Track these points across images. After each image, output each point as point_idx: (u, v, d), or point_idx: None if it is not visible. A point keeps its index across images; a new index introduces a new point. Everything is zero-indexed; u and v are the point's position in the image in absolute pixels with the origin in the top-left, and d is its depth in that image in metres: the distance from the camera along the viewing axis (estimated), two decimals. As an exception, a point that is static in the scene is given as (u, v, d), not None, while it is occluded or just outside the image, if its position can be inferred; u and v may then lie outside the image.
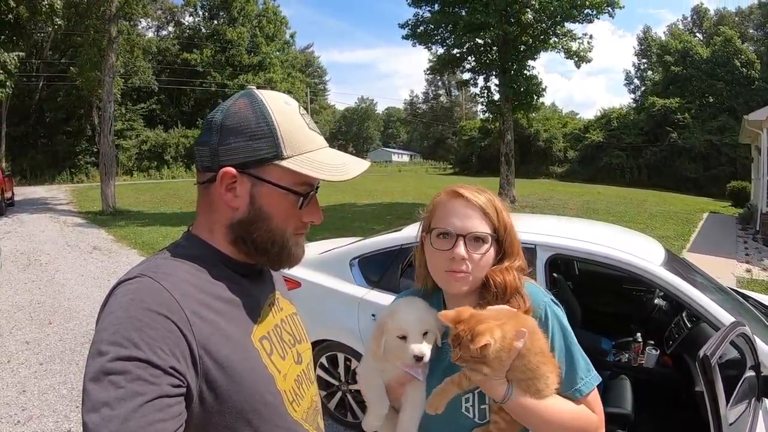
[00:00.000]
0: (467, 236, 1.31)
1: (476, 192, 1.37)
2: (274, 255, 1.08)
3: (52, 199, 24.29)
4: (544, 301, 1.35)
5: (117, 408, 0.74)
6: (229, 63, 46.61)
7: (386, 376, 1.38)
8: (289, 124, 1.04)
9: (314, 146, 1.07)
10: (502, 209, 1.38)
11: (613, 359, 3.83)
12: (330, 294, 3.95)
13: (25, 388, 4.78)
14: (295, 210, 1.06)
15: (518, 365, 1.15)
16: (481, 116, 37.75)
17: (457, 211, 1.35)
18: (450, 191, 1.40)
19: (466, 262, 1.31)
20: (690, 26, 52.73)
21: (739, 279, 8.93)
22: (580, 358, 1.32)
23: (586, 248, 3.24)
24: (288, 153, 1.02)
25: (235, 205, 1.03)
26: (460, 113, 78.74)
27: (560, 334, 1.32)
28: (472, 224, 1.32)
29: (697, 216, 18.03)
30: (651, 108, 39.54)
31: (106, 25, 18.89)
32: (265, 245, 1.06)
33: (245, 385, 0.95)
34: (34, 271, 9.58)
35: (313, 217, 1.11)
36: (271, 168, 1.02)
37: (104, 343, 0.81)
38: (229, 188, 1.02)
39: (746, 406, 2.21)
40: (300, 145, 1.04)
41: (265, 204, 1.04)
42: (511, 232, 1.38)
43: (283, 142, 1.02)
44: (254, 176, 1.02)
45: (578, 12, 19.16)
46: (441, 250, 1.33)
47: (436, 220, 1.38)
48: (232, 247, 1.07)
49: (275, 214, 1.05)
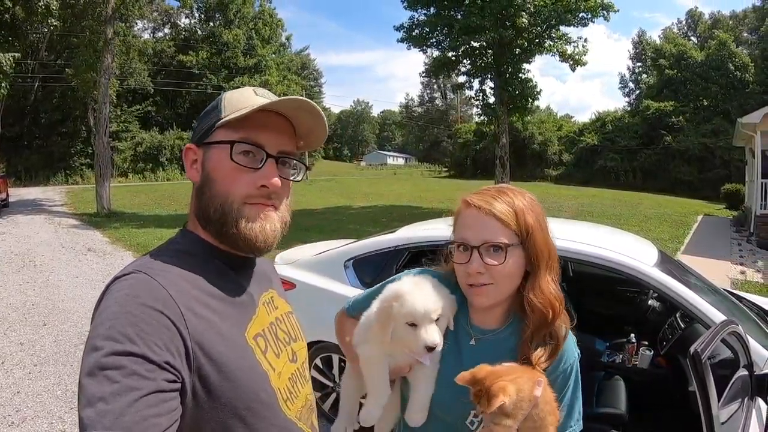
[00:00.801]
0: (481, 247, 1.26)
1: (491, 197, 1.29)
2: (220, 226, 1.03)
3: (47, 200, 24.21)
4: (574, 357, 1.35)
5: (112, 403, 0.74)
6: (225, 65, 46.58)
7: (393, 360, 1.33)
8: (235, 93, 1.09)
9: (254, 104, 1.03)
10: (526, 211, 1.29)
11: (608, 360, 3.84)
12: (324, 295, 3.94)
13: (19, 390, 4.76)
14: (242, 173, 1.02)
15: (531, 414, 1.17)
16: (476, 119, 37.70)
17: (472, 222, 1.29)
18: (464, 200, 1.34)
19: (484, 276, 1.26)
20: (685, 30, 53.01)
21: (734, 281, 8.97)
22: (576, 410, 1.35)
23: (580, 249, 3.24)
24: (225, 113, 1.04)
25: (195, 178, 1.06)
26: (456, 116, 78.75)
27: (573, 388, 1.34)
28: (487, 234, 1.26)
29: (692, 218, 18.11)
30: (646, 111, 39.67)
31: (102, 26, 18.87)
32: (209, 213, 1.03)
33: (239, 382, 0.95)
34: (29, 273, 9.55)
35: (264, 180, 1.02)
36: (216, 133, 1.04)
37: (99, 338, 0.81)
38: (192, 164, 1.07)
39: (739, 405, 2.22)
40: (239, 105, 1.04)
41: (211, 168, 1.04)
42: (534, 236, 1.29)
43: (224, 107, 1.05)
44: (204, 143, 1.06)
45: (573, 16, 19.26)
46: (460, 264, 1.30)
47: (456, 232, 1.34)
48: (208, 234, 1.07)
49: (219, 177, 1.03)
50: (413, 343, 1.26)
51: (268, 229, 1.05)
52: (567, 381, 1.33)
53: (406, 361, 1.33)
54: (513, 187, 1.37)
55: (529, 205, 1.31)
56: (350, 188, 31.45)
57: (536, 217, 1.31)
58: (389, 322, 1.27)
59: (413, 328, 1.25)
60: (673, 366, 3.52)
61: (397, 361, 1.33)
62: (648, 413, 3.43)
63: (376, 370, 1.32)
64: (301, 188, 3.87)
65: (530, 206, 1.31)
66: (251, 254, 1.09)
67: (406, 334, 1.26)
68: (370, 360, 1.34)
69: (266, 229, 1.05)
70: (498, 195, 1.30)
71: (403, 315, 1.26)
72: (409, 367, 1.34)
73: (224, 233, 1.03)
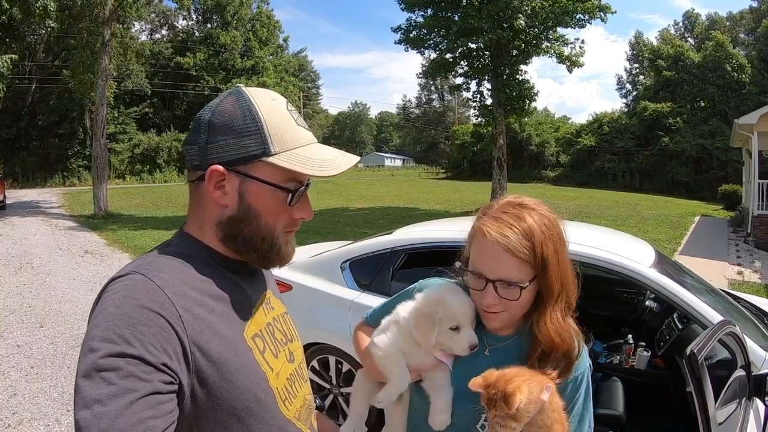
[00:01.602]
0: (495, 282, 1.23)
1: (508, 227, 1.22)
2: (264, 252, 1.07)
3: (44, 202, 24.19)
4: (585, 367, 1.34)
5: (108, 405, 0.74)
6: (222, 67, 46.66)
7: (409, 360, 1.36)
8: (277, 120, 1.04)
9: (303, 142, 1.06)
10: (544, 243, 1.22)
11: (605, 361, 3.84)
12: (321, 297, 3.94)
13: (15, 392, 4.75)
14: (284, 207, 1.05)
15: (537, 419, 1.17)
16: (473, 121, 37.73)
17: (488, 254, 1.24)
18: (479, 228, 1.27)
19: (497, 306, 1.26)
20: (681, 31, 53.15)
21: (731, 281, 8.99)
22: (586, 421, 1.35)
23: (577, 250, 3.23)
24: (275, 149, 1.01)
25: (224, 203, 1.03)
26: (453, 118, 78.81)
27: (583, 398, 1.34)
28: (503, 272, 1.22)
29: (689, 219, 18.16)
30: (643, 112, 39.79)
31: (100, 27, 18.83)
32: (254, 242, 1.05)
33: (237, 383, 0.95)
34: (26, 275, 9.53)
35: (303, 214, 1.10)
36: (259, 165, 1.02)
37: (96, 340, 0.81)
38: (217, 186, 1.02)
39: (737, 406, 2.22)
40: (287, 141, 1.03)
41: (253, 201, 1.03)
42: (549, 271, 1.23)
43: (270, 138, 1.01)
44: (242, 173, 1.02)
45: (570, 17, 19.33)
46: (475, 290, 1.30)
47: (472, 257, 1.30)
48: (222, 245, 1.06)
49: (264, 212, 1.04)
50: (455, 344, 1.31)
51: (292, 250, 1.13)
52: (577, 390, 1.32)
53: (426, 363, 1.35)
54: (532, 205, 1.30)
55: (548, 233, 1.25)
56: (347, 190, 31.45)
57: (554, 247, 1.25)
58: (434, 327, 1.31)
59: (455, 332, 1.30)
60: (671, 367, 3.53)
61: (409, 362, 1.35)
62: (645, 414, 3.43)
63: (394, 358, 1.36)
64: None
65: (549, 233, 1.25)
66: (271, 267, 1.16)
67: (448, 338, 1.31)
68: (387, 348, 1.37)
69: (294, 248, 1.14)
70: (516, 222, 1.23)
71: (448, 319, 1.30)
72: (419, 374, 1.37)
73: (265, 258, 1.09)
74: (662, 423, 3.35)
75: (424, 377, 1.37)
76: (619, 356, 3.87)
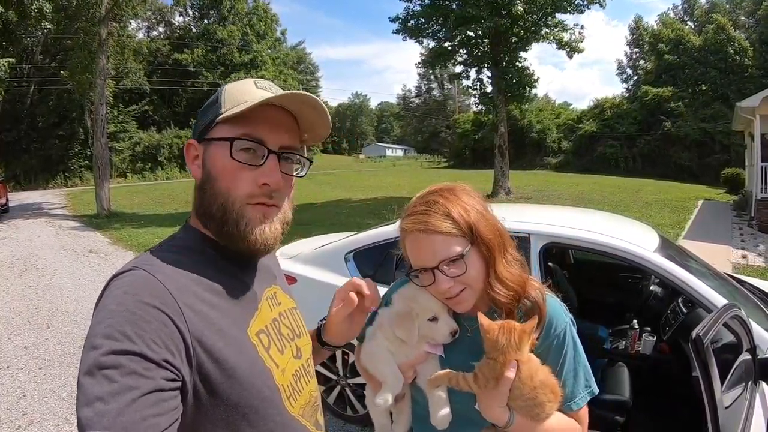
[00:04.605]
0: (439, 267, 1.27)
1: (423, 215, 1.29)
2: (221, 223, 1.02)
3: (47, 203, 24.23)
4: (566, 321, 1.36)
5: (111, 402, 0.74)
6: (221, 62, 46.63)
7: (396, 358, 1.39)
8: (236, 87, 1.06)
9: (257, 97, 1.01)
10: (461, 210, 1.28)
11: (611, 347, 3.85)
12: (326, 289, 3.92)
13: (25, 393, 4.78)
14: (243, 171, 1.01)
15: (518, 395, 1.21)
16: (474, 109, 37.60)
17: (418, 245, 1.30)
18: (401, 228, 1.35)
19: (454, 285, 1.29)
20: (681, 15, 52.71)
21: (735, 265, 8.97)
22: (582, 377, 1.35)
23: (580, 236, 3.24)
24: (225, 108, 1.02)
25: (196, 174, 1.05)
26: (453, 106, 78.70)
27: (572, 353, 1.35)
28: (439, 252, 1.27)
29: (692, 204, 18.08)
30: (644, 97, 39.54)
31: (96, 27, 18.79)
32: (211, 210, 1.02)
33: (240, 379, 0.94)
34: (31, 276, 9.56)
35: (265, 178, 1.01)
36: (216, 128, 1.03)
37: (98, 337, 0.81)
38: (194, 161, 1.05)
39: (743, 389, 2.22)
40: (239, 99, 1.02)
41: (211, 165, 1.03)
42: (479, 231, 1.29)
43: (224, 101, 1.03)
44: (204, 140, 1.04)
45: (568, 3, 19.18)
46: (429, 285, 1.32)
47: (411, 259, 1.34)
48: (207, 228, 1.06)
49: (221, 175, 1.01)
50: (437, 334, 1.36)
51: (267, 232, 1.04)
52: (562, 347, 1.33)
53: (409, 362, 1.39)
54: (439, 188, 1.36)
55: (463, 202, 1.31)
56: (350, 181, 31.45)
57: (476, 210, 1.31)
58: (413, 322, 1.36)
59: (434, 322, 1.36)
60: (676, 351, 3.53)
61: (399, 362, 1.38)
62: (652, 399, 3.44)
63: (383, 360, 1.39)
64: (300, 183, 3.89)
65: (465, 203, 1.31)
66: (250, 255, 1.08)
67: (429, 329, 1.36)
68: (375, 352, 1.41)
69: (265, 231, 1.04)
70: (429, 207, 1.29)
71: (424, 312, 1.36)
72: (413, 370, 1.40)
73: (224, 232, 1.02)
74: (668, 407, 3.36)
75: (418, 374, 1.40)
76: (625, 342, 3.88)
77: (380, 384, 1.38)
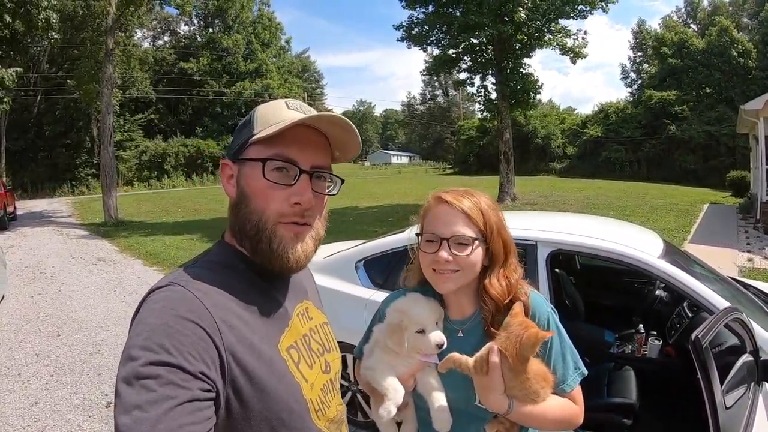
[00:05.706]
0: (450, 239, 1.41)
1: (461, 196, 1.45)
2: (254, 241, 1.05)
3: (54, 212, 24.34)
4: (547, 311, 1.49)
5: (148, 411, 0.77)
6: (226, 71, 46.84)
7: (396, 370, 1.45)
8: (268, 108, 1.10)
9: (288, 117, 1.05)
10: (490, 211, 1.46)
11: (617, 351, 3.87)
12: (337, 296, 3.98)
13: (37, 400, 4.82)
14: (275, 190, 1.04)
15: (515, 385, 1.33)
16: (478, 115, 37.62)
17: (442, 217, 1.44)
18: (435, 197, 1.49)
19: (450, 264, 1.41)
20: (684, 18, 52.62)
21: (741, 268, 8.95)
22: (570, 360, 1.48)
23: (586, 242, 3.29)
24: (258, 129, 1.06)
25: (230, 192, 1.09)
26: (458, 113, 78.61)
27: (557, 339, 1.46)
28: (455, 228, 1.41)
29: (698, 207, 18.04)
30: (648, 101, 39.44)
31: (103, 37, 18.94)
32: (245, 229, 1.05)
33: (270, 394, 0.97)
34: (40, 284, 9.61)
35: (296, 198, 1.04)
36: (249, 149, 1.07)
37: (136, 348, 0.84)
38: (228, 180, 1.09)
39: (745, 390, 2.25)
40: (271, 120, 1.06)
41: (245, 184, 1.06)
42: (500, 234, 1.46)
43: (256, 123, 1.07)
44: (238, 159, 1.08)
45: (571, 9, 19.24)
46: (428, 253, 1.44)
47: (425, 225, 1.49)
48: (242, 247, 1.09)
49: (254, 194, 1.04)
50: (425, 345, 1.43)
51: (299, 251, 1.07)
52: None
53: (408, 371, 1.46)
54: (476, 191, 1.51)
55: (493, 206, 1.49)
56: (356, 189, 31.39)
57: (498, 217, 1.48)
58: (403, 333, 1.44)
59: (422, 334, 1.44)
60: (682, 355, 3.55)
61: (399, 372, 1.46)
62: (658, 402, 3.47)
63: (382, 373, 1.46)
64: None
65: (493, 211, 1.48)
66: (283, 273, 1.10)
67: (416, 340, 1.44)
68: (374, 367, 1.49)
69: (297, 250, 1.07)
70: (466, 194, 1.47)
71: (413, 324, 1.44)
72: (413, 379, 1.48)
73: (258, 250, 1.05)
74: (674, 410, 3.38)
75: (417, 383, 1.48)
76: (631, 346, 3.90)
77: (383, 396, 1.43)
